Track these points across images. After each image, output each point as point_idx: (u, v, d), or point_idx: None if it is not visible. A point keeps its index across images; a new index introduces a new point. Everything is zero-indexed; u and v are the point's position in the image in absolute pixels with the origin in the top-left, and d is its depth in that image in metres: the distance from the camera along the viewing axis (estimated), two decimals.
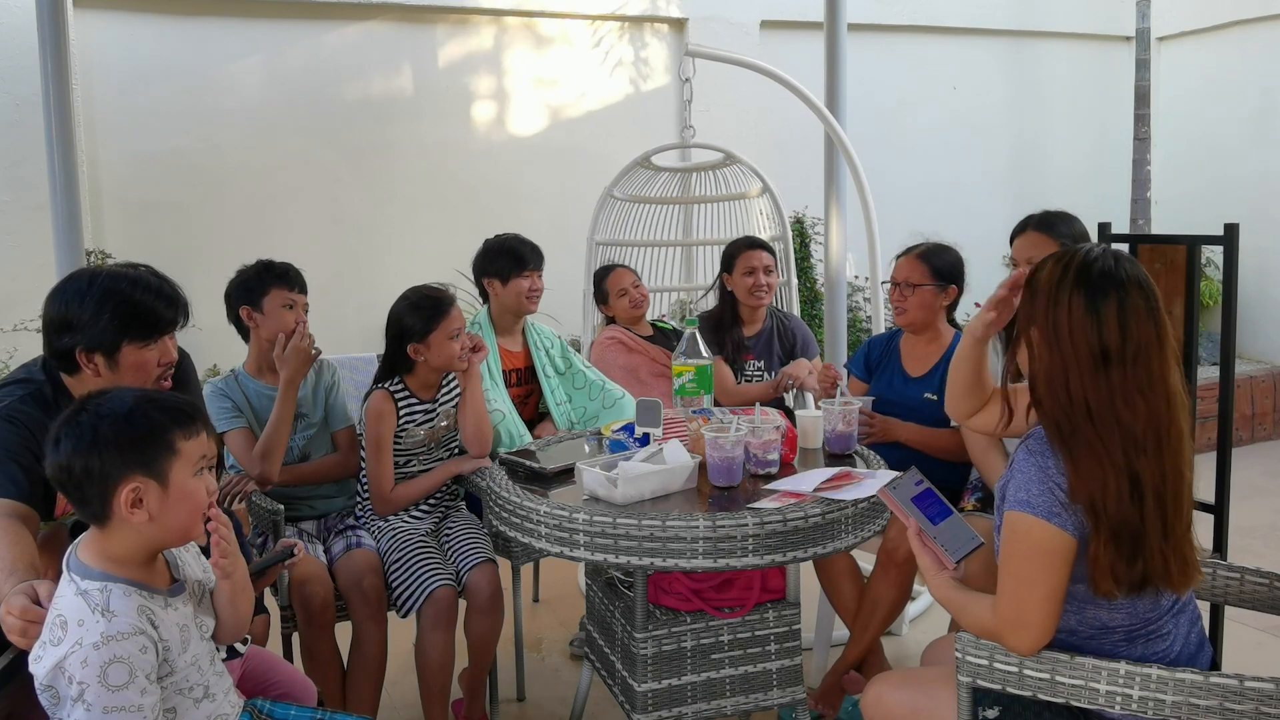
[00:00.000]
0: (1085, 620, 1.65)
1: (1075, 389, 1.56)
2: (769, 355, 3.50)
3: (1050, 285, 1.61)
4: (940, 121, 7.09)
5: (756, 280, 3.42)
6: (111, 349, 1.96)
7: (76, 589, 1.51)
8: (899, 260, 2.98)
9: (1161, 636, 1.66)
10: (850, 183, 4.00)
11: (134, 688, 1.46)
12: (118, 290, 1.97)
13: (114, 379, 1.97)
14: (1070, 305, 1.58)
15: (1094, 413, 1.55)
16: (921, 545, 1.76)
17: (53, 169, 3.54)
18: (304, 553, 2.04)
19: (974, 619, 1.66)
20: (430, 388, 2.78)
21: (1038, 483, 1.57)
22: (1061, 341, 1.58)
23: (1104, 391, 1.55)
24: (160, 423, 1.55)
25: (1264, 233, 6.35)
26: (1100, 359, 1.56)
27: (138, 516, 1.52)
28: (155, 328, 2.00)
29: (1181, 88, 7.23)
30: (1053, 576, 1.57)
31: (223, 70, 5.38)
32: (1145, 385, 1.56)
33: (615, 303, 3.57)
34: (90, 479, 1.51)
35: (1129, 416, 1.55)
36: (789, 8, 6.46)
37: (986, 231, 6.89)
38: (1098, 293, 1.57)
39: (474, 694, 2.75)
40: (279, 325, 2.68)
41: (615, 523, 2.02)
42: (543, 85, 6.07)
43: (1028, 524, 1.57)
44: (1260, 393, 6.01)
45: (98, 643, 1.45)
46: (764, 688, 2.37)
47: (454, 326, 2.68)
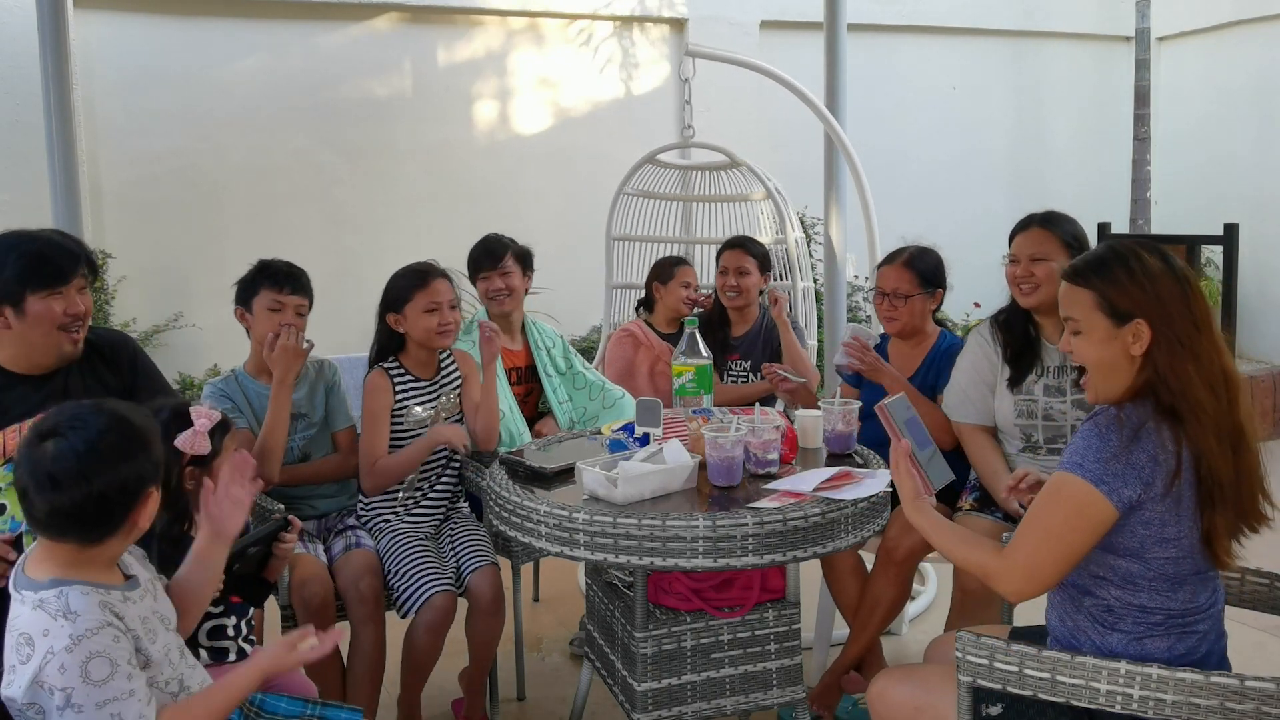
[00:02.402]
0: (1124, 600, 1.67)
1: (1191, 359, 1.63)
2: (755, 355, 3.50)
3: (1136, 275, 1.66)
4: (940, 121, 7.09)
5: (725, 281, 3.46)
6: (17, 298, 2.07)
7: (32, 604, 1.48)
8: (883, 269, 2.97)
9: (1197, 633, 1.68)
10: (850, 183, 4.00)
11: (119, 676, 1.46)
12: (18, 244, 2.10)
13: (23, 331, 2.09)
14: (1168, 285, 1.65)
15: (1211, 379, 1.63)
16: (909, 466, 1.83)
17: (53, 169, 3.54)
18: (299, 526, 2.06)
19: (970, 554, 1.72)
20: (427, 366, 2.78)
21: (1096, 448, 1.62)
22: (1173, 319, 1.63)
23: (1207, 356, 1.64)
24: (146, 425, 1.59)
25: (1264, 233, 6.35)
26: (1200, 327, 1.64)
27: (144, 518, 1.54)
28: (57, 277, 2.10)
29: (1181, 88, 7.23)
30: (1078, 537, 1.62)
31: (223, 70, 5.38)
32: (1222, 348, 1.67)
33: (675, 289, 3.54)
34: (125, 494, 1.51)
35: (1227, 375, 1.65)
36: (789, 8, 6.46)
37: (986, 231, 6.89)
38: (1178, 270, 1.67)
39: (474, 693, 2.75)
40: (265, 327, 2.68)
41: (615, 522, 2.02)
42: (542, 85, 6.08)
43: (1074, 484, 1.62)
44: (1260, 393, 6.01)
45: (69, 645, 1.44)
46: (764, 687, 2.37)
47: (433, 299, 2.70)
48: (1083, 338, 1.70)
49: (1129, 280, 1.65)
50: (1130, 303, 1.65)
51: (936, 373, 2.89)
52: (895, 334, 2.97)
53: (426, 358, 2.79)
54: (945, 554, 1.81)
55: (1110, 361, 1.68)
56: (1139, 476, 1.60)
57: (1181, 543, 1.64)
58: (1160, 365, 1.63)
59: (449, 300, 2.75)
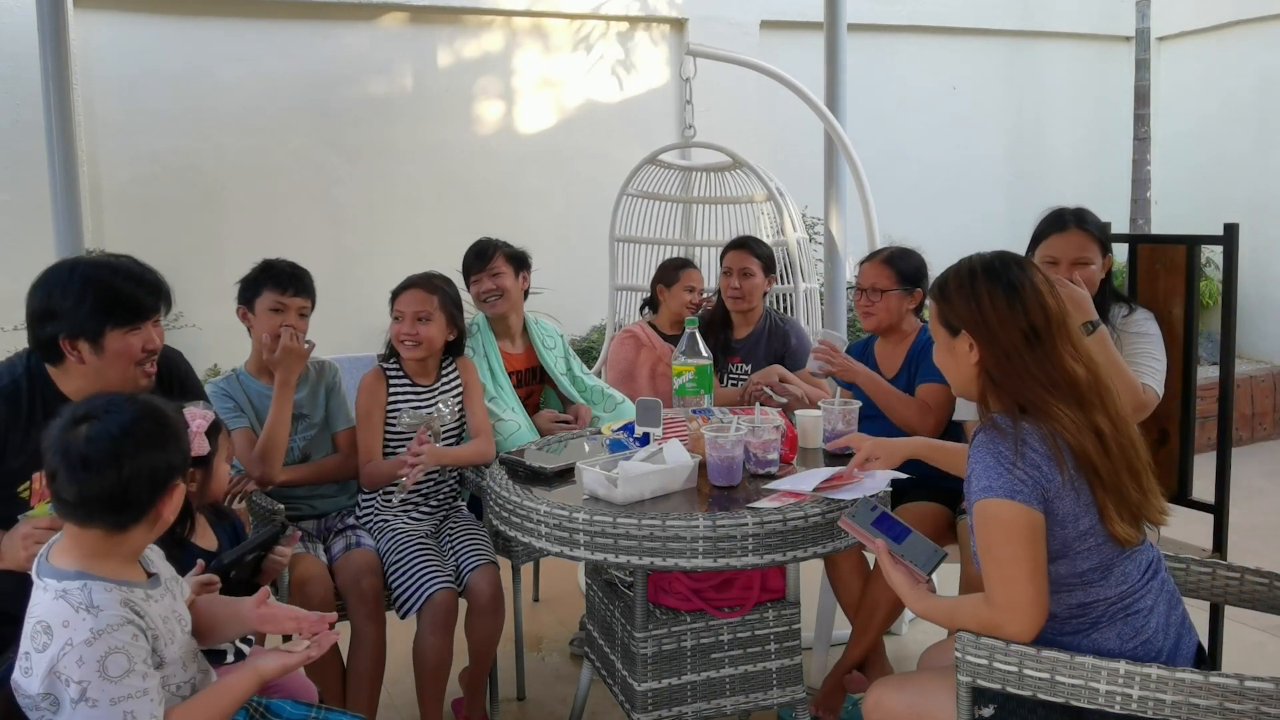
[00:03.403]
0: (1062, 603, 1.69)
1: (1021, 369, 1.70)
2: (756, 358, 3.48)
3: (963, 289, 1.76)
4: (940, 121, 7.09)
5: (729, 282, 3.43)
6: (96, 334, 1.99)
7: (54, 592, 1.49)
8: (864, 266, 3.00)
9: (1139, 611, 1.69)
10: (850, 183, 4.00)
11: (135, 674, 1.46)
12: (99, 277, 2.01)
13: (100, 366, 2.00)
14: (991, 299, 1.73)
15: (1046, 383, 1.69)
16: (893, 563, 1.83)
17: (53, 169, 3.54)
18: (298, 536, 2.05)
19: (969, 616, 1.69)
20: (424, 371, 2.78)
21: (993, 467, 1.65)
22: (994, 333, 1.72)
23: (1045, 364, 1.69)
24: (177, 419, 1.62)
25: (1264, 233, 6.35)
26: (1032, 337, 1.70)
27: (169, 510, 1.57)
28: (138, 313, 2.03)
29: (1181, 88, 7.23)
30: (1030, 550, 1.63)
31: (223, 70, 5.38)
32: (1072, 350, 1.72)
33: (679, 293, 3.54)
34: (156, 481, 1.53)
35: (1071, 381, 1.69)
36: (789, 8, 6.46)
37: (986, 231, 6.91)
38: (1011, 284, 1.73)
39: (474, 693, 2.76)
40: (266, 328, 2.68)
41: (615, 522, 2.02)
42: (542, 85, 6.07)
43: (994, 507, 1.64)
44: (1260, 393, 6.01)
45: (89, 639, 1.44)
46: (764, 687, 2.37)
47: (399, 308, 2.75)
48: (935, 345, 1.87)
49: (957, 295, 1.77)
50: (956, 317, 1.77)
51: (916, 366, 2.90)
52: (872, 330, 2.99)
53: (428, 366, 2.79)
54: (954, 629, 1.76)
55: (953, 368, 1.81)
56: (1040, 476, 1.64)
57: (1097, 530, 1.67)
58: (993, 373, 1.73)
59: (414, 312, 2.72)
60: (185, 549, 2.01)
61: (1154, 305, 2.71)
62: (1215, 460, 2.67)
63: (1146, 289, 2.79)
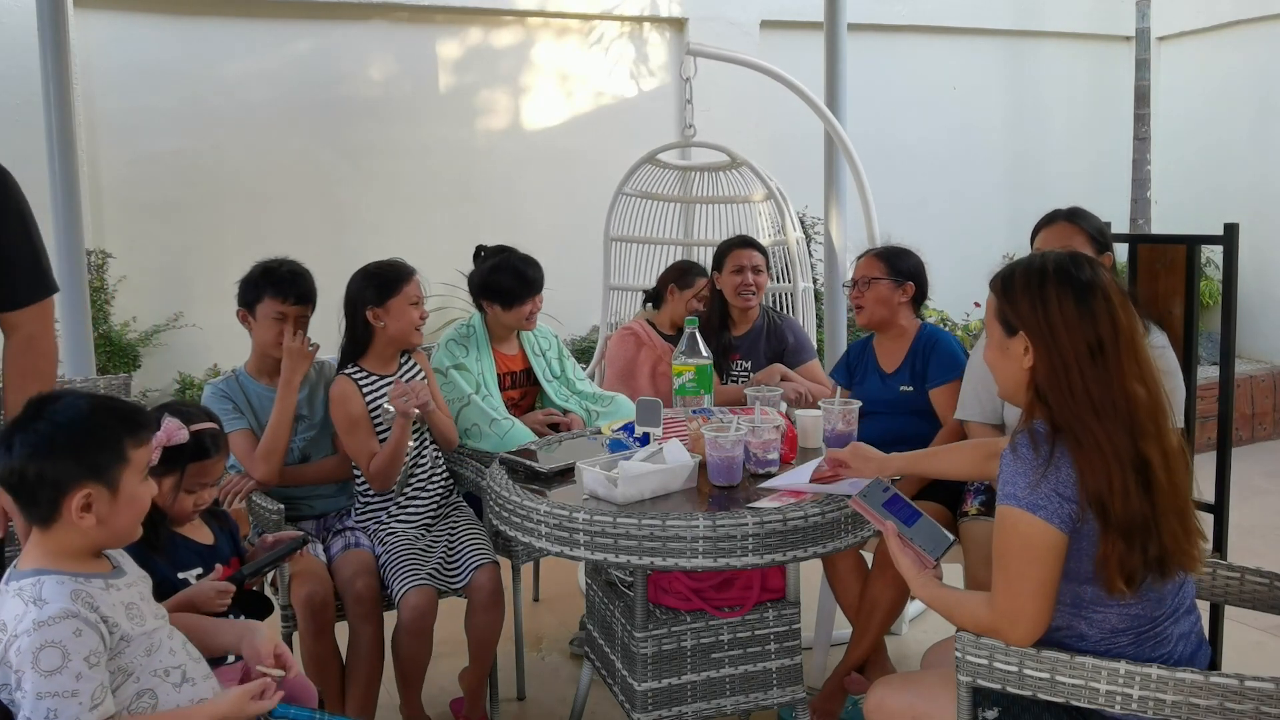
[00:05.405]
0: (1095, 624, 1.65)
1: (1077, 385, 1.59)
2: (756, 355, 3.49)
3: (1031, 288, 1.65)
4: (940, 121, 7.09)
5: (744, 279, 3.42)
6: None
7: (14, 591, 1.54)
8: (857, 261, 3.03)
9: (1164, 640, 1.66)
10: (850, 182, 4.00)
11: (67, 672, 1.47)
12: None
13: None
14: (1060, 304, 1.62)
15: (1098, 405, 1.58)
16: (901, 546, 1.80)
17: (53, 169, 3.54)
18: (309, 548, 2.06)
19: (969, 614, 1.68)
20: (389, 362, 2.78)
21: (1024, 476, 1.60)
22: (1058, 341, 1.61)
23: (1104, 383, 1.59)
24: (114, 430, 1.58)
25: (1264, 233, 6.35)
26: (1097, 351, 1.59)
27: (86, 521, 1.55)
28: None
29: (1181, 88, 7.23)
30: (1041, 570, 1.58)
31: (223, 70, 5.38)
32: (1137, 372, 1.60)
33: (688, 298, 3.53)
34: (43, 484, 1.53)
35: (1129, 404, 1.58)
36: (789, 8, 6.46)
37: (987, 231, 6.92)
38: (1084, 289, 1.62)
39: (474, 693, 2.76)
40: (266, 336, 2.68)
41: (615, 522, 2.02)
42: (543, 85, 6.07)
43: (1014, 517, 1.60)
44: (1260, 393, 6.01)
45: (29, 630, 1.48)
46: (764, 687, 2.37)
47: (415, 294, 2.75)
48: (987, 339, 1.75)
49: (1023, 295, 1.65)
50: (1017, 317, 1.66)
51: (924, 361, 2.90)
52: (864, 324, 3.00)
53: (391, 355, 2.79)
54: (955, 624, 1.73)
55: (1003, 368, 1.72)
56: (1069, 494, 1.57)
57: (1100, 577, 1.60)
58: (1040, 383, 1.64)
59: (422, 297, 2.79)
60: (178, 544, 2.03)
61: (1154, 305, 2.71)
62: (1215, 460, 2.67)
63: (1146, 289, 2.79)
